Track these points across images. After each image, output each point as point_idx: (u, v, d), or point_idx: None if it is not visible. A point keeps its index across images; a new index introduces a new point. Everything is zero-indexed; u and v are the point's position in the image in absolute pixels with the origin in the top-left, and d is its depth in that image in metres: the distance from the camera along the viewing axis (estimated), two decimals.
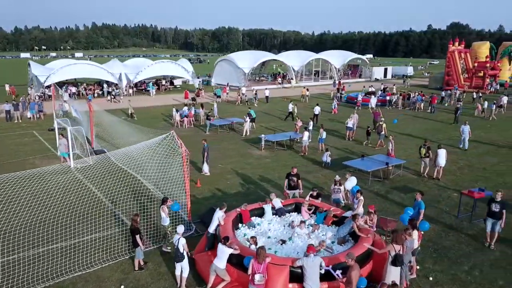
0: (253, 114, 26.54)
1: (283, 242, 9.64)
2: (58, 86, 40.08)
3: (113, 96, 40.86)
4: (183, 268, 8.98)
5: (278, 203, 11.35)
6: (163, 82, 51.57)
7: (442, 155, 16.33)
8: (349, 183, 12.59)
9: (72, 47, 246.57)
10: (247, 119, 25.25)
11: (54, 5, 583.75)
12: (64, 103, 30.99)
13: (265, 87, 44.62)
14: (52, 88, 30.74)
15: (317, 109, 28.75)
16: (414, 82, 62.49)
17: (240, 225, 10.62)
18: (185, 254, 8.96)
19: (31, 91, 40.42)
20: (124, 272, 9.71)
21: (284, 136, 22.46)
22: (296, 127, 23.99)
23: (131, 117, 30.31)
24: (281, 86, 54.72)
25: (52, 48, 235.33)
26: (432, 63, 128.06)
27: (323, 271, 7.86)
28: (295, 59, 58.65)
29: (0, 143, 22.58)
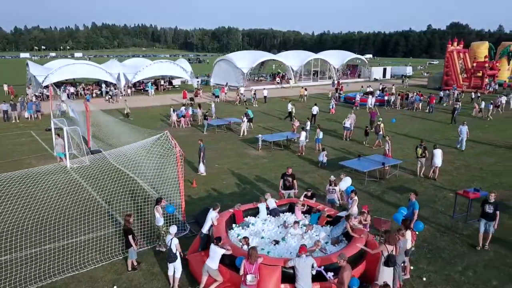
0: (250, 114, 26.52)
1: (276, 242, 9.62)
2: (56, 86, 40.20)
3: (110, 96, 40.86)
4: (175, 269, 8.97)
5: (272, 203, 11.32)
6: (161, 82, 51.57)
7: (438, 155, 16.33)
8: (343, 183, 12.57)
9: (72, 47, 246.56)
10: (245, 119, 25.23)
11: (54, 5, 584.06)
12: (61, 103, 30.95)
13: (263, 87, 44.61)
14: (49, 88, 30.76)
15: (315, 109, 28.73)
16: (413, 82, 62.44)
17: (234, 225, 10.60)
18: (178, 254, 8.94)
19: (29, 91, 40.40)
20: (117, 273, 9.70)
21: (281, 136, 22.44)
22: (293, 127, 23.98)
23: (127, 116, 30.30)
24: (280, 86, 54.70)
25: (52, 48, 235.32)
26: (432, 63, 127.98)
27: (314, 272, 7.84)
28: (294, 59, 58.62)
29: None
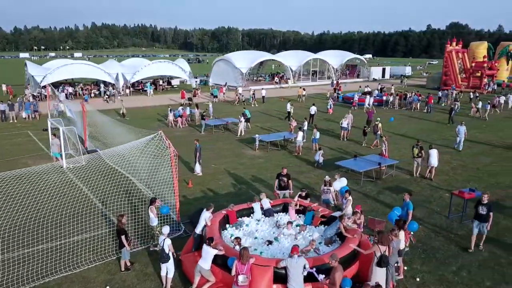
0: (248, 114, 26.49)
1: (270, 243, 9.60)
2: (55, 86, 40.19)
3: (107, 96, 40.82)
4: (168, 269, 8.95)
5: (267, 203, 11.29)
6: (160, 82, 51.55)
7: (433, 155, 16.31)
8: (337, 184, 12.54)
9: (72, 47, 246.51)
10: (242, 119, 25.21)
11: (53, 5, 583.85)
12: (59, 103, 30.93)
13: (261, 87, 44.56)
14: (47, 88, 30.74)
15: (313, 109, 28.70)
16: (412, 82, 62.43)
17: (227, 225, 10.58)
18: (170, 255, 8.92)
19: (26, 91, 40.37)
20: (111, 273, 9.68)
21: (278, 136, 22.42)
22: (291, 127, 23.96)
23: (123, 116, 30.27)
24: (278, 86, 54.69)
25: (52, 48, 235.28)
26: (431, 63, 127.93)
27: (305, 273, 7.82)
28: (292, 59, 58.59)
29: None
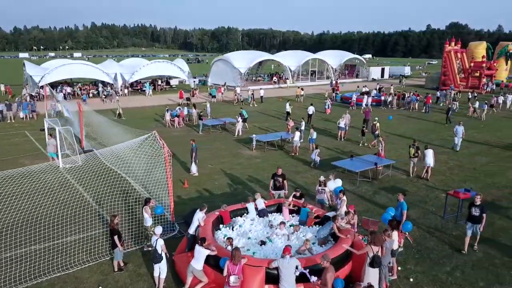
0: (245, 114, 26.46)
1: (263, 243, 9.58)
2: (53, 86, 40.18)
3: (104, 96, 40.77)
4: (161, 269, 8.93)
5: (261, 203, 11.27)
6: (159, 82, 51.53)
7: (429, 155, 16.28)
8: (332, 184, 12.51)
9: (72, 47, 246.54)
10: (239, 119, 25.19)
11: (53, 5, 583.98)
12: (56, 103, 30.90)
13: (260, 87, 44.53)
14: (45, 88, 30.74)
15: (311, 109, 28.67)
16: (411, 82, 62.36)
17: (221, 226, 10.55)
18: (163, 255, 8.90)
19: (23, 91, 40.35)
20: (104, 273, 9.65)
21: (275, 136, 22.41)
22: (288, 127, 23.94)
23: (119, 117, 30.24)
24: (277, 86, 54.66)
25: (51, 48, 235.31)
26: (431, 63, 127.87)
27: (298, 273, 7.80)
28: (291, 59, 58.57)
29: None
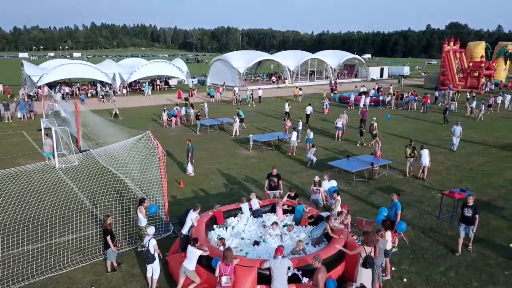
0: (242, 115, 26.44)
1: (256, 243, 9.55)
2: (52, 86, 40.14)
3: (102, 96, 40.76)
4: (154, 270, 8.91)
5: (256, 204, 11.25)
6: (157, 82, 51.51)
7: (425, 155, 16.25)
8: (326, 184, 12.49)
9: (71, 47, 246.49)
10: (237, 119, 25.17)
11: (53, 5, 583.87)
12: (54, 103, 30.88)
13: (258, 87, 44.51)
14: (42, 88, 30.73)
15: (309, 109, 28.64)
16: (410, 82, 62.35)
17: (215, 226, 10.53)
18: (156, 255, 8.88)
19: (20, 91, 40.33)
20: (97, 274, 9.63)
21: (272, 136, 22.38)
22: (285, 127, 23.92)
23: (115, 117, 30.19)
24: (276, 86, 54.65)
25: (51, 48, 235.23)
26: (430, 63, 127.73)
27: (290, 274, 7.78)
28: (291, 59, 58.57)
29: None
